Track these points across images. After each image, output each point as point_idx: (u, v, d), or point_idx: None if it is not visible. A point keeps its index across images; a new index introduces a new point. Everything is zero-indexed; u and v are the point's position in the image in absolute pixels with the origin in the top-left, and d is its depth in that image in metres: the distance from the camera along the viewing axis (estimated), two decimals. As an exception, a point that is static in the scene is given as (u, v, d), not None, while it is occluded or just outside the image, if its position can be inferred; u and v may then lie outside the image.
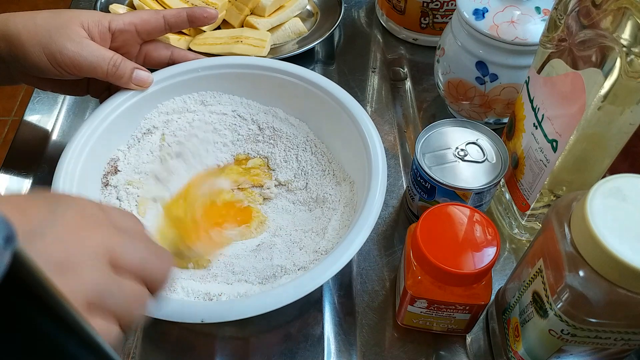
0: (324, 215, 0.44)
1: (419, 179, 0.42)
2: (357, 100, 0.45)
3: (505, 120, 0.51)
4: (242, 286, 0.39)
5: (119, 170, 0.46)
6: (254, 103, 0.50)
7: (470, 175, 0.40)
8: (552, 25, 0.36)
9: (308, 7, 0.66)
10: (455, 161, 0.41)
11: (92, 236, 0.24)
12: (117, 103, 0.45)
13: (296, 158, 0.48)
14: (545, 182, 0.39)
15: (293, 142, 0.49)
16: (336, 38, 0.65)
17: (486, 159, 0.41)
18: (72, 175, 0.41)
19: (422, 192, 0.42)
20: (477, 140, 0.42)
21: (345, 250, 0.35)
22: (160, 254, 0.28)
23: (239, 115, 0.50)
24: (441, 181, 0.40)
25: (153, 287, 0.27)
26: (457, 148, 0.42)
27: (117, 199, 0.44)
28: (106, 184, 0.45)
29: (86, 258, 0.23)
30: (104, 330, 0.24)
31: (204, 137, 0.49)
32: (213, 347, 0.40)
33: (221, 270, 0.41)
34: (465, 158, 0.41)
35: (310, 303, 0.42)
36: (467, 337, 0.41)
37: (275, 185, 0.48)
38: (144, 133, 0.47)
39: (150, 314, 0.33)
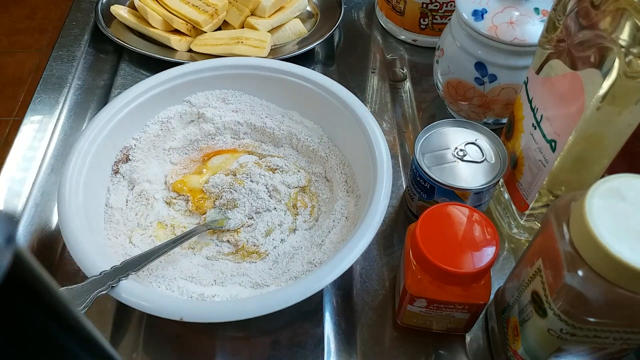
0: (325, 225, 0.44)
1: (418, 179, 0.42)
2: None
3: (504, 120, 0.51)
4: (234, 289, 0.40)
5: (130, 159, 0.46)
6: (273, 105, 0.51)
7: (469, 175, 0.41)
8: (551, 26, 0.36)
9: (308, 8, 0.66)
10: (455, 161, 0.41)
11: None
12: (140, 92, 0.46)
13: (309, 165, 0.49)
14: (544, 182, 0.39)
15: (306, 144, 0.49)
16: (336, 39, 0.66)
17: (485, 159, 0.41)
18: (83, 159, 0.42)
19: (421, 192, 0.43)
20: (475, 140, 0.42)
21: (338, 264, 0.36)
22: None
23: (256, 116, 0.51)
24: (440, 181, 0.40)
25: None
26: (456, 148, 0.42)
27: (123, 187, 0.45)
28: (116, 172, 0.46)
29: None
30: None
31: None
32: (213, 347, 0.40)
33: (217, 274, 0.42)
34: (465, 158, 0.41)
35: (310, 303, 0.42)
36: (467, 336, 0.41)
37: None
38: (162, 122, 0.49)
39: (133, 305, 0.34)
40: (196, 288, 0.39)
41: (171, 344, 0.41)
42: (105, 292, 0.35)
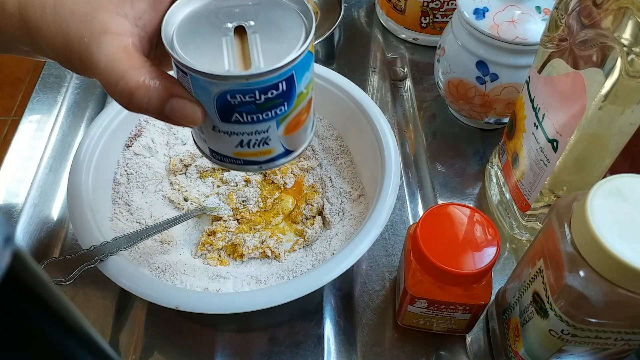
0: (332, 224, 0.44)
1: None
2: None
3: (506, 120, 0.51)
4: (238, 284, 0.40)
5: (142, 135, 0.47)
6: None
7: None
8: (552, 25, 0.36)
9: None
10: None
11: None
12: None
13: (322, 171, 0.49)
14: (546, 182, 0.39)
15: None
16: (336, 38, 0.65)
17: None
18: (102, 133, 0.43)
19: None
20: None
21: (340, 263, 0.36)
22: None
23: None
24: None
25: None
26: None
27: (127, 165, 0.46)
28: (129, 146, 0.46)
29: None
30: None
31: None
32: (214, 344, 0.40)
33: (220, 270, 0.42)
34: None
35: (311, 303, 0.42)
36: (467, 337, 0.41)
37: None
38: None
39: (131, 290, 0.35)
40: (199, 282, 0.39)
41: (171, 341, 0.41)
42: (92, 265, 0.35)
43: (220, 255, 0.43)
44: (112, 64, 0.25)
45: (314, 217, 0.46)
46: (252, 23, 0.27)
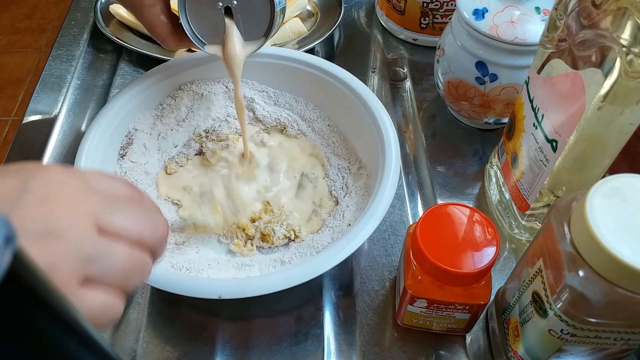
0: (342, 202, 0.45)
1: None
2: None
3: (505, 120, 0.51)
4: (257, 269, 0.41)
5: (133, 143, 0.47)
6: (279, 92, 0.52)
7: None
8: (552, 25, 0.36)
9: (308, 7, 0.66)
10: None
11: (72, 203, 0.23)
12: (154, 79, 0.48)
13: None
14: (545, 182, 0.39)
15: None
16: (336, 38, 0.65)
17: None
18: (96, 148, 0.43)
19: None
20: None
21: (358, 233, 0.36)
22: (152, 216, 0.26)
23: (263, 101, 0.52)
24: None
25: (150, 250, 0.26)
26: None
27: (126, 174, 0.46)
28: (123, 155, 0.46)
29: (68, 225, 0.22)
30: (101, 303, 0.23)
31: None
32: (214, 344, 0.40)
33: (244, 259, 0.42)
34: None
35: (310, 302, 0.42)
36: (467, 336, 0.41)
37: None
38: (169, 105, 0.50)
39: (167, 289, 0.34)
40: (226, 274, 0.40)
41: (171, 340, 0.41)
42: None
43: (246, 244, 0.44)
44: (153, 28, 0.40)
45: (322, 198, 0.47)
46: (235, 3, 0.39)
